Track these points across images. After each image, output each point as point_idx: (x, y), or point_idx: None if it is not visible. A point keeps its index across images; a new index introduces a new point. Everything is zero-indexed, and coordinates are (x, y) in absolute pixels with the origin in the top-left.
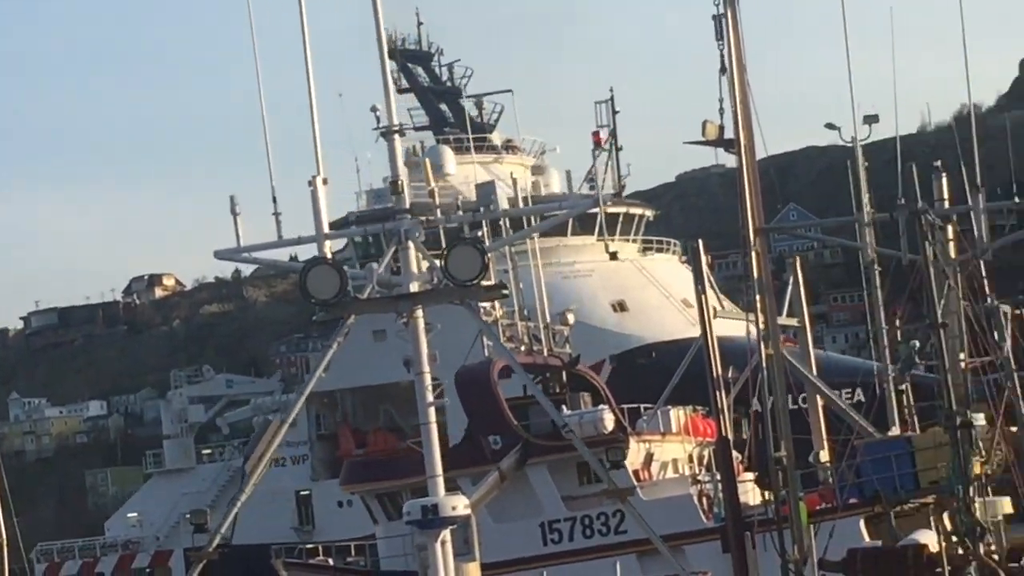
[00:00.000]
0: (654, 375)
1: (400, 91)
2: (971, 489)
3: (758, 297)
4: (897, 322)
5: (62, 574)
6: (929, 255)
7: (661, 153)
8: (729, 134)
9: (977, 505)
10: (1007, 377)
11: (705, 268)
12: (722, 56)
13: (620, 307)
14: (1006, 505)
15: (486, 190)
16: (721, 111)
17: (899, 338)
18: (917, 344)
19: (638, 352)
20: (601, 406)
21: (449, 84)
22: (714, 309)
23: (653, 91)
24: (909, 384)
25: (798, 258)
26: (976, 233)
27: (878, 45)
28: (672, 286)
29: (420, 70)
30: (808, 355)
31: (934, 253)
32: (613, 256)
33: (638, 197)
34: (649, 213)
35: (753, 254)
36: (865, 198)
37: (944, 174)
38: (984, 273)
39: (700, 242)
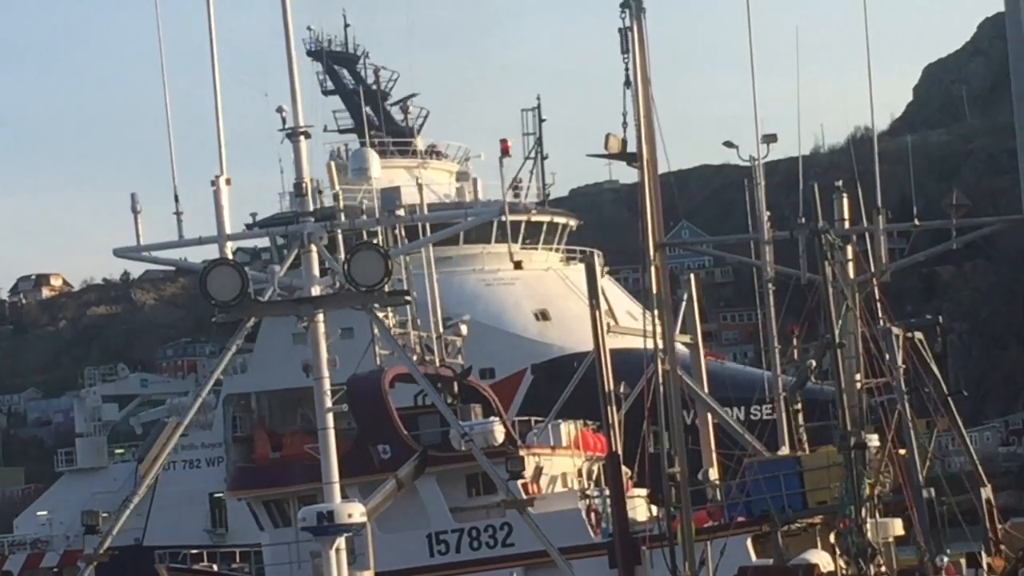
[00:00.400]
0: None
1: (325, 93)
2: (863, 510)
3: (656, 313)
4: (795, 341)
5: None
6: (828, 275)
7: (554, 168)
8: (632, 147)
9: (868, 526)
10: (898, 399)
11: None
12: (627, 69)
13: (542, 316)
14: (897, 527)
15: (388, 196)
16: (624, 124)
17: (795, 357)
18: (813, 363)
19: (559, 362)
20: (492, 418)
21: (375, 87)
22: (608, 324)
23: (554, 105)
24: (802, 403)
25: (692, 275)
26: (876, 254)
27: (773, 69)
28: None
29: (346, 72)
30: (700, 372)
31: (833, 273)
32: (518, 265)
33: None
34: (572, 222)
35: (652, 269)
36: (764, 216)
37: (845, 195)
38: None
39: (595, 254)
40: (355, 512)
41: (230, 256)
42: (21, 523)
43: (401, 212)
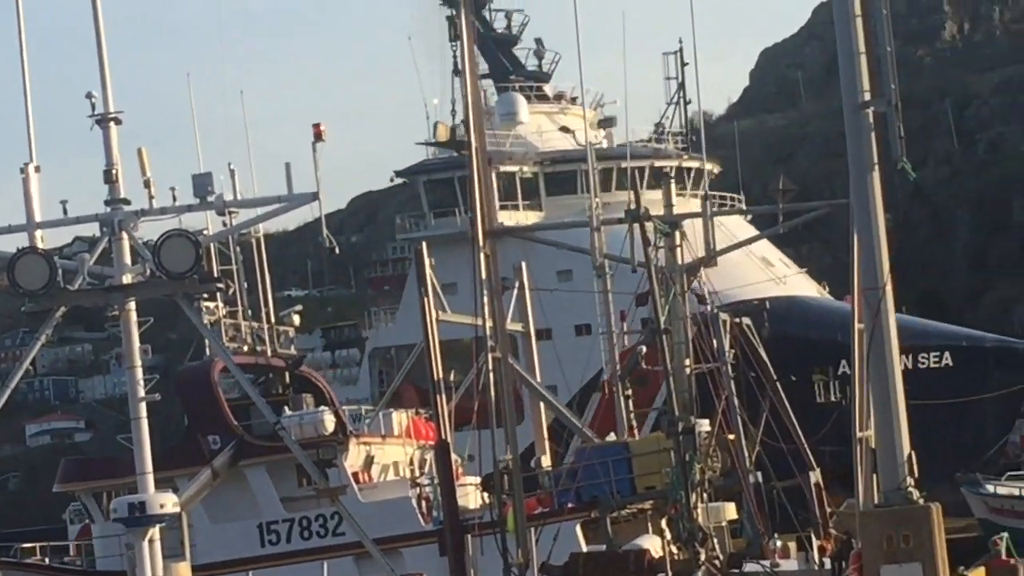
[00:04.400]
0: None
1: (453, 39)
2: (693, 495)
3: (486, 300)
4: (625, 326)
5: None
6: (657, 261)
7: (394, 154)
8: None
9: (700, 511)
10: (725, 384)
11: (429, 270)
12: (455, 57)
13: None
14: (730, 511)
15: (201, 181)
16: (453, 112)
17: (626, 343)
18: (644, 349)
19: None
20: (322, 408)
21: (507, 31)
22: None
23: (384, 91)
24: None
25: (524, 263)
26: (705, 239)
27: (610, 54)
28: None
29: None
30: (532, 361)
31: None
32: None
33: (369, 199)
34: (714, 167)
35: (482, 256)
36: (594, 203)
37: (672, 180)
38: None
39: (424, 244)
40: (168, 502)
41: (40, 244)
42: None
43: (212, 198)
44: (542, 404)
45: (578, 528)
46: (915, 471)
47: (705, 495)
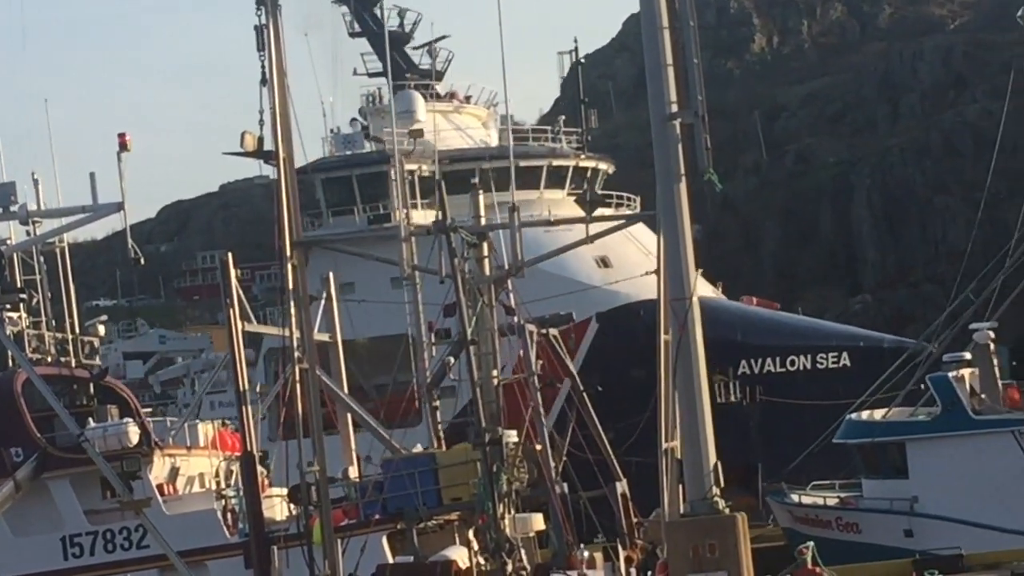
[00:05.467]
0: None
1: (352, 35)
2: (500, 505)
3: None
4: (432, 337)
5: None
6: (464, 271)
7: (205, 163)
8: (269, 145)
9: (507, 521)
10: (532, 395)
11: (234, 282)
12: (263, 67)
13: (604, 263)
14: (537, 522)
15: (3, 191)
16: (261, 122)
17: (432, 353)
18: (452, 360)
19: (625, 311)
20: (127, 419)
21: (400, 29)
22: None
23: (194, 100)
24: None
25: (331, 274)
26: (513, 250)
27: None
28: (649, 244)
29: (365, 15)
30: (340, 372)
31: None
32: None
33: (179, 208)
34: (609, 168)
35: (289, 267)
36: (402, 214)
37: (481, 191)
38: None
39: (229, 255)
40: None
41: None
42: None
43: (15, 208)
44: (349, 415)
45: (384, 540)
46: (721, 481)
47: (512, 506)
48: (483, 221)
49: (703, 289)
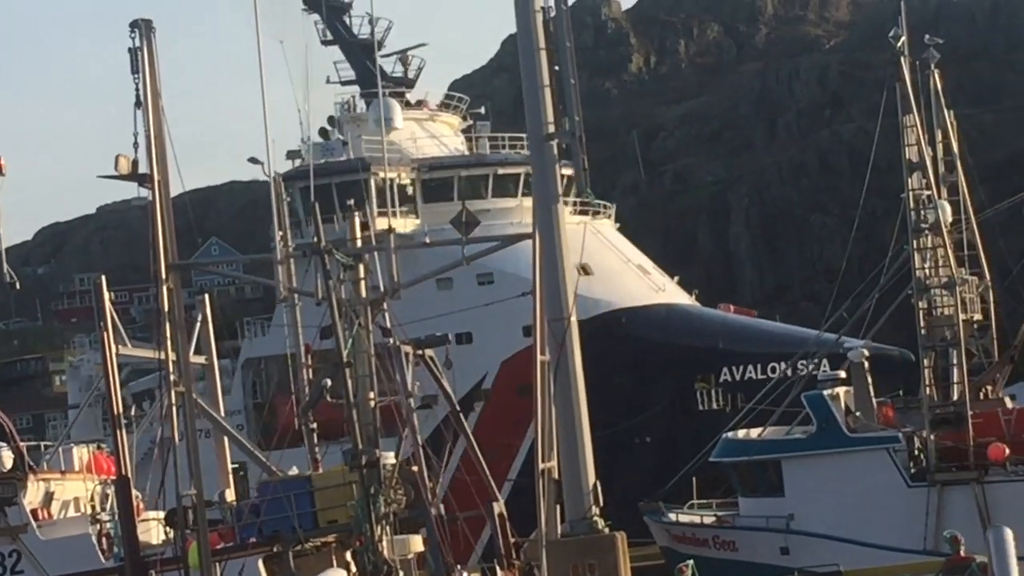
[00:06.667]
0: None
1: (324, 43)
2: (378, 527)
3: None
4: (308, 359)
5: None
6: (338, 293)
7: (81, 185)
8: (144, 168)
9: (385, 543)
10: (407, 416)
11: (108, 305)
12: (137, 90)
13: (584, 271)
14: (416, 543)
15: None
16: (136, 145)
17: (311, 376)
18: (328, 382)
19: (607, 318)
20: (0, 444)
21: (370, 37)
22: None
23: (72, 122)
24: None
25: (207, 295)
26: (389, 273)
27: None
28: (626, 251)
29: (336, 24)
30: (216, 394)
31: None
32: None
33: (56, 230)
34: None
35: (165, 290)
36: (278, 236)
37: (357, 213)
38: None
39: (103, 278)
40: None
41: None
42: None
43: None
44: (226, 438)
45: (260, 563)
46: (600, 500)
47: (390, 528)
48: (359, 243)
49: (679, 297)
